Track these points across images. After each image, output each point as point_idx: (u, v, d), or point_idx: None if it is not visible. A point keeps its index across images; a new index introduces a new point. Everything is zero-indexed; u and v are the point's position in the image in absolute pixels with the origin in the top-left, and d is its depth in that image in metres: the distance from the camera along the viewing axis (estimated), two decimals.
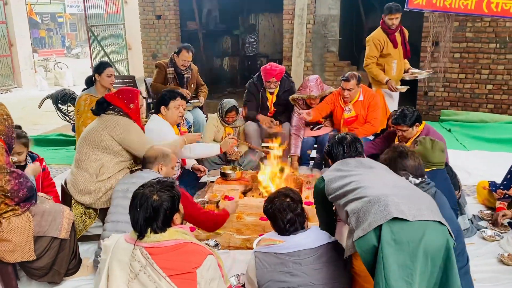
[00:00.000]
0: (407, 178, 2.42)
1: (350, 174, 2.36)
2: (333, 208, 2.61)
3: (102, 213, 3.32)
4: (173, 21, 9.42)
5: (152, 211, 2.04)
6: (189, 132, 4.89)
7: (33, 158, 3.40)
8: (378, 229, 1.91)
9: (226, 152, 4.82)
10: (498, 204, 3.85)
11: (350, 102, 4.58)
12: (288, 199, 2.27)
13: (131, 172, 3.47)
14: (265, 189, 3.86)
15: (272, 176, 3.90)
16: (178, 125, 4.66)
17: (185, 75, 5.30)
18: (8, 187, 2.50)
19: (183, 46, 5.22)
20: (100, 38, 10.52)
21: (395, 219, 1.91)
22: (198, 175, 4.18)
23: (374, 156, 4.22)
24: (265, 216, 3.49)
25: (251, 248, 3.34)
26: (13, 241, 2.55)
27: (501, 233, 3.54)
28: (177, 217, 2.16)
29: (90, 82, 4.48)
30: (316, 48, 8.63)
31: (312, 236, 2.23)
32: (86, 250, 3.32)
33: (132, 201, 2.10)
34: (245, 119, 5.00)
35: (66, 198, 3.33)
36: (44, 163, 3.43)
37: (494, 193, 3.94)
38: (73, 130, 5.49)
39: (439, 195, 2.46)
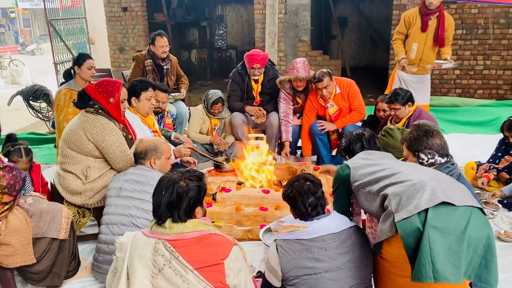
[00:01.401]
0: (432, 157, 2.40)
1: (379, 162, 2.33)
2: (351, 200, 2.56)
3: (97, 211, 3.17)
4: (140, 13, 9.16)
5: (176, 197, 1.95)
6: (173, 124, 4.76)
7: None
8: (423, 212, 1.88)
9: (213, 143, 4.73)
10: (483, 175, 4.00)
11: (329, 98, 4.57)
12: (308, 182, 2.22)
13: None
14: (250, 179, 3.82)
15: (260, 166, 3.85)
16: (162, 117, 4.53)
17: (164, 67, 5.13)
18: (4, 182, 2.33)
19: (154, 34, 5.04)
20: (60, 33, 10.07)
21: (440, 203, 1.89)
22: (189, 167, 4.06)
23: None
24: (264, 206, 3.51)
25: (254, 239, 3.30)
26: (13, 245, 2.38)
27: (494, 211, 3.65)
28: (198, 211, 2.07)
29: (69, 75, 4.25)
30: (288, 38, 8.62)
31: (335, 220, 2.19)
32: (81, 250, 3.16)
33: (158, 185, 2.01)
34: (231, 110, 4.91)
35: (57, 197, 3.15)
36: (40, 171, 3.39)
37: (477, 171, 4.09)
38: (53, 126, 5.22)
39: (463, 177, 2.48)
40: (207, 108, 4.73)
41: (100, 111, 3.08)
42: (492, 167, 3.98)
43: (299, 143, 4.98)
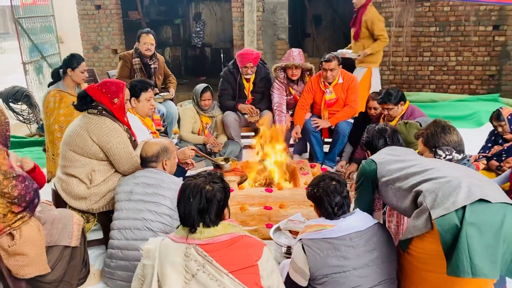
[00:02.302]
0: (450, 154, 2.45)
1: (407, 158, 2.35)
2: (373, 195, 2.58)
3: (102, 217, 3.09)
4: (114, 11, 8.93)
5: (205, 202, 1.92)
6: (162, 120, 4.67)
7: None
8: (461, 209, 1.91)
9: (206, 144, 4.69)
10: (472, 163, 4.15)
11: (330, 84, 4.62)
12: (334, 182, 2.23)
13: None
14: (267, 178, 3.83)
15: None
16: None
17: (152, 66, 5.06)
18: (15, 192, 2.24)
19: (141, 31, 5.06)
20: (28, 31, 9.70)
21: (476, 200, 1.92)
22: (186, 168, 4.00)
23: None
24: (268, 205, 3.51)
25: (261, 238, 3.29)
26: (28, 254, 2.29)
27: None
28: (226, 212, 2.05)
29: (57, 75, 4.10)
30: (266, 36, 8.64)
31: (361, 218, 2.22)
32: None
33: (183, 192, 1.96)
34: (223, 109, 4.87)
35: (59, 203, 3.05)
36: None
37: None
38: (41, 129, 5.02)
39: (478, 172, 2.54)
40: (197, 103, 4.66)
41: (104, 112, 3.00)
42: (481, 156, 4.12)
43: (291, 141, 4.99)
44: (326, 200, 2.20)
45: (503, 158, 4.03)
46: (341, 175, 4.43)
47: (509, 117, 3.96)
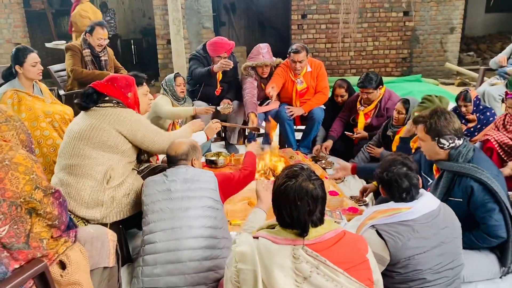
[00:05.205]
0: (453, 142, 2.50)
1: None
2: None
3: (114, 228, 2.71)
4: (14, 0, 7.89)
5: (312, 202, 1.78)
6: None
7: None
8: None
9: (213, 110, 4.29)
10: None
11: (300, 74, 4.59)
12: (405, 168, 2.21)
13: (138, 173, 2.95)
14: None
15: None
16: None
17: (102, 58, 4.62)
18: (56, 211, 1.86)
19: (95, 23, 4.57)
20: None
21: None
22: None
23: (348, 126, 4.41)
24: None
25: None
26: (81, 283, 1.90)
27: None
28: None
29: (10, 74, 3.48)
30: (191, 24, 8.34)
31: (431, 197, 2.25)
32: None
33: (286, 196, 1.78)
34: (196, 79, 4.53)
35: None
36: None
37: None
38: None
39: (480, 150, 2.66)
40: (173, 91, 4.23)
41: (120, 104, 2.75)
42: None
43: (263, 130, 4.88)
44: (407, 182, 2.17)
45: (468, 138, 4.37)
46: (317, 157, 4.47)
47: (475, 99, 4.27)
